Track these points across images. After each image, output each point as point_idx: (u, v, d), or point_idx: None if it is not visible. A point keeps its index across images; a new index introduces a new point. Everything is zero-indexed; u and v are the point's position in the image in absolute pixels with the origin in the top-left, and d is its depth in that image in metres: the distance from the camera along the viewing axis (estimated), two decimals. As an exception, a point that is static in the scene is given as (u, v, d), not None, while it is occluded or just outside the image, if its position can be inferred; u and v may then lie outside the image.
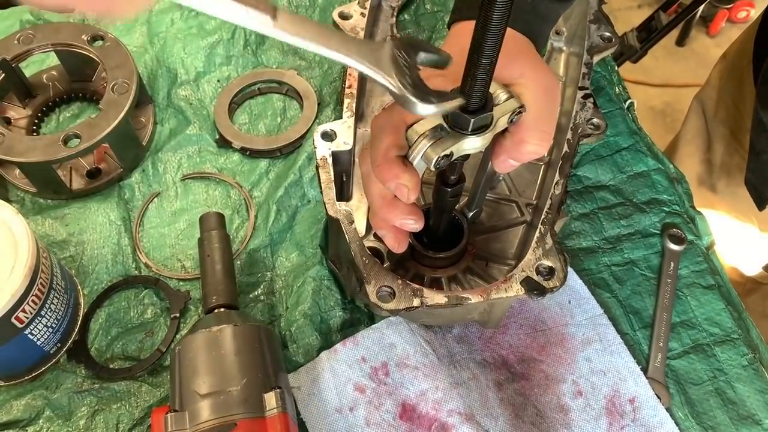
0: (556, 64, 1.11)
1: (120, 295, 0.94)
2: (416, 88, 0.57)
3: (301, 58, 1.18)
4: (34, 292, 0.79)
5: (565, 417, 0.87)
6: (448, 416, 0.84)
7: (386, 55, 0.57)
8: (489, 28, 0.54)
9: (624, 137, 1.11)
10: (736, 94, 1.30)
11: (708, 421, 0.89)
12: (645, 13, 2.69)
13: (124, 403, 0.86)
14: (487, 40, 0.55)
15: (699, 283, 0.99)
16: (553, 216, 0.83)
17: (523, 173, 0.98)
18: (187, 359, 0.76)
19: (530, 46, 0.74)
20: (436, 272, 0.88)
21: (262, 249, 0.99)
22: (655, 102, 3.12)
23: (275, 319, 0.93)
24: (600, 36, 1.03)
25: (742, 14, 3.31)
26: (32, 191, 1.01)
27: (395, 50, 0.57)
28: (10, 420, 0.85)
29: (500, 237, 0.93)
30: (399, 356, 0.88)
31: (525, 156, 0.68)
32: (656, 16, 2.56)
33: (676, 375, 0.92)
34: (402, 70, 0.57)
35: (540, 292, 0.76)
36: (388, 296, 0.76)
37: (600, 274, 0.99)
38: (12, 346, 0.81)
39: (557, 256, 0.78)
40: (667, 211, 1.05)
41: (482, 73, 0.58)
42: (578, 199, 1.05)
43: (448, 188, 0.74)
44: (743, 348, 0.94)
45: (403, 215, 0.71)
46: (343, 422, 0.84)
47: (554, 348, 0.91)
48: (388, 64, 0.56)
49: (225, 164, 1.06)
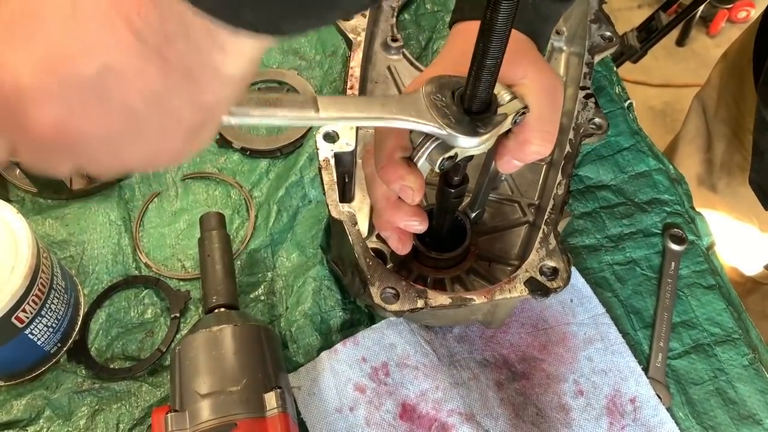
0: (557, 63, 1.11)
1: (120, 295, 0.94)
2: (461, 125, 0.60)
3: (302, 58, 1.18)
4: (34, 292, 0.79)
5: (565, 416, 0.87)
6: (448, 416, 0.84)
7: (424, 103, 0.60)
8: (494, 30, 0.54)
9: (625, 137, 1.11)
10: (736, 93, 1.29)
11: (708, 421, 0.89)
12: (645, 13, 2.69)
13: (125, 403, 0.86)
14: (492, 41, 0.55)
15: (700, 283, 0.99)
16: (556, 216, 0.83)
17: (526, 173, 0.98)
18: (187, 359, 0.76)
19: (532, 46, 0.74)
20: (439, 273, 0.88)
21: (263, 249, 0.99)
22: (654, 102, 3.12)
23: (275, 319, 0.93)
24: (601, 36, 1.03)
25: (742, 14, 3.31)
26: (33, 191, 1.00)
27: (431, 96, 0.61)
28: (10, 420, 0.85)
29: (503, 237, 0.93)
30: (399, 356, 0.88)
31: (529, 156, 0.68)
32: (656, 16, 2.55)
33: (676, 375, 0.92)
34: (443, 111, 0.60)
35: (544, 292, 0.76)
36: (392, 297, 0.76)
37: (602, 273, 0.99)
38: (12, 346, 0.80)
39: (560, 256, 0.78)
40: (668, 211, 1.05)
41: (487, 75, 0.58)
42: (580, 199, 1.05)
43: (451, 189, 0.74)
44: (744, 348, 0.94)
45: (407, 217, 0.71)
46: (343, 422, 0.84)
47: (555, 347, 0.91)
48: (429, 111, 0.60)
49: (225, 164, 1.06)
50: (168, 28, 0.37)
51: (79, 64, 0.38)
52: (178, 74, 0.39)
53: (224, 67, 0.40)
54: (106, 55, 0.38)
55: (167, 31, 0.37)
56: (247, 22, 0.37)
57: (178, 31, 0.37)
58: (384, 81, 1.06)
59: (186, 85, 0.40)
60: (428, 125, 0.60)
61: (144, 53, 0.37)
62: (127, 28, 0.37)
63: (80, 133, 0.41)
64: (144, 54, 0.37)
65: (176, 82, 0.40)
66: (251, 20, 0.37)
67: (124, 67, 0.38)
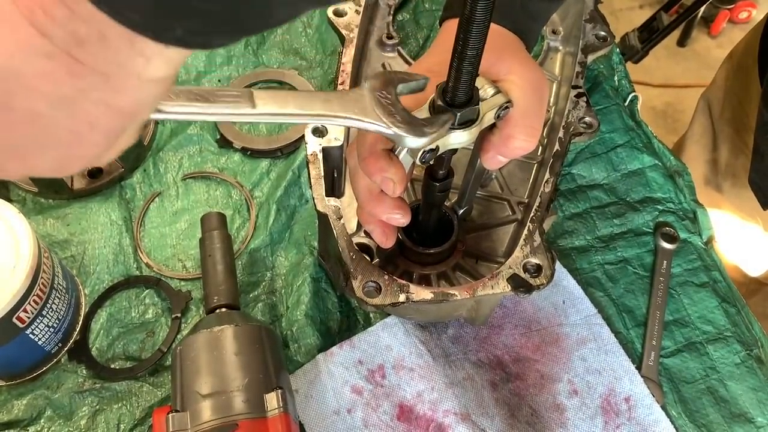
0: (552, 63, 1.12)
1: (121, 295, 0.95)
2: (407, 124, 0.58)
3: (302, 58, 1.19)
4: (35, 292, 0.79)
5: (560, 416, 0.88)
6: (445, 416, 0.85)
7: (369, 100, 0.58)
8: (474, 19, 0.54)
9: (620, 134, 1.12)
10: (742, 94, 1.29)
11: (701, 419, 0.90)
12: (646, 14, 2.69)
13: (125, 403, 0.87)
14: (472, 32, 0.55)
15: (692, 281, 1.00)
16: (542, 214, 0.83)
17: (516, 172, 0.98)
18: (188, 359, 0.77)
19: (519, 43, 0.75)
20: (425, 269, 0.88)
21: (263, 249, 0.99)
22: (656, 102, 3.12)
23: (276, 319, 0.94)
24: (595, 35, 1.04)
25: (743, 15, 3.31)
26: (34, 191, 1.01)
27: (376, 93, 0.58)
28: (11, 420, 0.85)
29: (491, 235, 0.93)
30: (395, 358, 0.89)
31: (513, 152, 0.68)
32: (658, 17, 2.56)
33: (669, 373, 0.93)
34: (388, 110, 0.58)
35: (526, 289, 0.76)
36: (374, 291, 0.76)
37: (593, 272, 1.00)
38: (13, 346, 0.81)
39: (545, 253, 0.79)
40: (660, 210, 1.05)
41: (468, 66, 0.58)
42: (571, 199, 1.06)
43: (436, 183, 0.74)
44: (736, 346, 0.95)
45: (389, 209, 0.71)
46: (341, 424, 0.85)
47: (549, 347, 0.92)
48: (373, 109, 0.57)
49: (226, 164, 1.07)
50: (79, 28, 0.33)
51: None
52: (92, 77, 0.35)
53: (146, 72, 0.36)
54: (5, 54, 0.34)
55: (79, 31, 0.33)
56: (176, 38, 0.34)
57: (91, 34, 0.33)
58: (377, 77, 1.06)
59: (101, 88, 0.36)
60: (373, 124, 0.57)
61: (50, 53, 0.34)
62: (30, 25, 0.33)
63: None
64: (50, 54, 0.34)
65: (89, 86, 0.36)
66: (181, 36, 0.34)
67: (26, 68, 0.34)
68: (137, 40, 0.34)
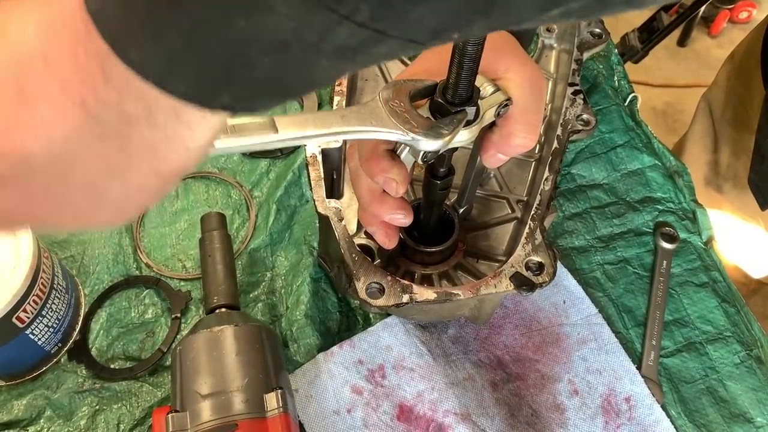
0: (547, 61, 1.11)
1: (121, 295, 0.95)
2: (424, 128, 0.60)
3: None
4: (35, 292, 0.79)
5: (561, 416, 0.88)
6: (445, 416, 0.85)
7: (384, 111, 0.59)
8: None
9: (619, 134, 1.12)
10: (744, 95, 1.29)
11: (700, 419, 0.90)
12: (646, 14, 2.69)
13: (125, 403, 0.87)
14: None
15: (692, 281, 1.00)
16: (542, 212, 0.83)
17: (514, 170, 0.98)
18: (188, 359, 0.76)
19: (515, 42, 0.75)
20: (426, 269, 0.88)
21: (263, 249, 0.99)
22: (656, 102, 3.12)
23: (276, 319, 0.94)
24: (590, 32, 1.04)
25: (743, 15, 3.31)
26: (33, 192, 1.01)
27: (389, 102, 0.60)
28: (11, 420, 0.85)
29: (491, 234, 0.93)
30: (395, 358, 0.89)
31: (513, 149, 0.69)
32: (658, 17, 2.55)
33: (668, 373, 0.93)
34: (404, 117, 0.60)
35: (529, 287, 0.76)
36: (377, 292, 0.76)
37: (593, 273, 1.00)
38: (13, 346, 0.81)
39: (546, 251, 0.79)
40: (660, 210, 1.05)
41: (469, 63, 0.58)
42: (571, 199, 1.06)
43: (437, 180, 0.74)
44: (735, 346, 0.95)
45: (392, 210, 0.71)
46: (341, 424, 0.85)
47: (550, 347, 0.92)
48: (390, 118, 0.59)
49: (226, 164, 1.07)
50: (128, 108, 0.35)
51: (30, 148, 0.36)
52: (141, 151, 0.38)
53: (191, 142, 0.38)
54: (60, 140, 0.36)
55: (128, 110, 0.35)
56: (222, 105, 0.35)
57: (139, 110, 0.35)
58: (374, 78, 1.06)
59: (149, 159, 0.38)
60: (391, 133, 0.59)
61: (102, 135, 0.36)
62: (82, 111, 0.35)
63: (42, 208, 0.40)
64: (102, 135, 0.36)
65: (139, 159, 0.38)
66: (227, 102, 0.35)
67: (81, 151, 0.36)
68: (183, 111, 0.35)
